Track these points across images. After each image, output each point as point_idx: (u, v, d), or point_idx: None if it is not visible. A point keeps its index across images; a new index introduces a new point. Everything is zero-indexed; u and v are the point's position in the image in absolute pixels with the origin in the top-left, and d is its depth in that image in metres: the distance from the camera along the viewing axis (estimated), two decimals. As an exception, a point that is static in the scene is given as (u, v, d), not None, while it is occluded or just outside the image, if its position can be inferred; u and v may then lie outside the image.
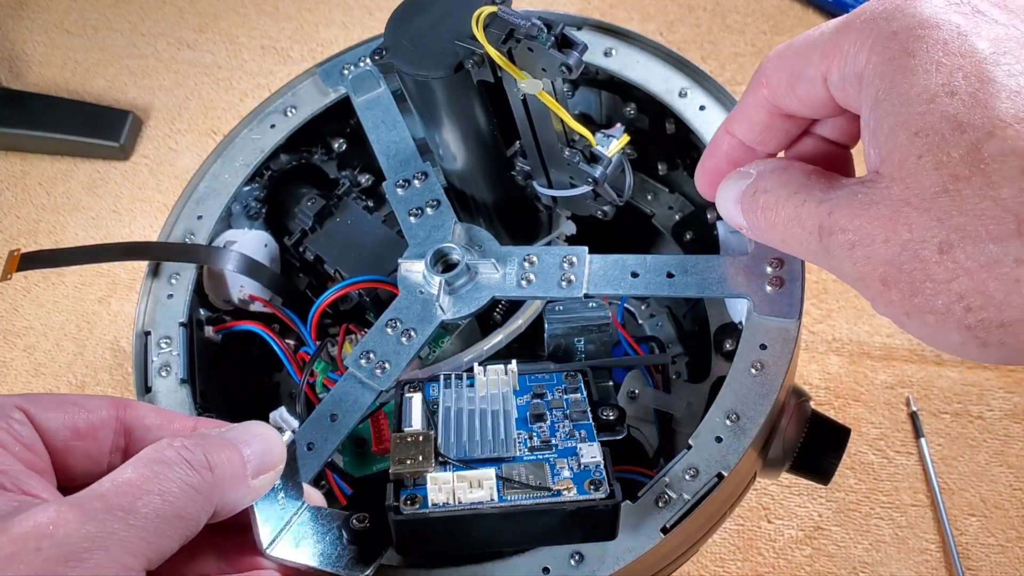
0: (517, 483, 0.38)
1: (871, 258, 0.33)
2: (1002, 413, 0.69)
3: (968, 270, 0.30)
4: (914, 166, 0.31)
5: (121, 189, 0.86)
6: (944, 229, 0.31)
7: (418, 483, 0.39)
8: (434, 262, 0.47)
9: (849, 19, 0.35)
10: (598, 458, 0.40)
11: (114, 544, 0.30)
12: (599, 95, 0.60)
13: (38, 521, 0.29)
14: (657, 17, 0.90)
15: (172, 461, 0.33)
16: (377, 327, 0.47)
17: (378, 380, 0.45)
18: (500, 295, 0.46)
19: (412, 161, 0.52)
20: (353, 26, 0.92)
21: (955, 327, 0.32)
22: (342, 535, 0.39)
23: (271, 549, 0.37)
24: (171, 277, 0.52)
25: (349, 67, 0.57)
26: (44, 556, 0.28)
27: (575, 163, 0.46)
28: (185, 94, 0.90)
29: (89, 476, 0.35)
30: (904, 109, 0.32)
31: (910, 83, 0.32)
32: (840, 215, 0.34)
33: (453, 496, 0.38)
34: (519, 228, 0.56)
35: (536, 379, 0.46)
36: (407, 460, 0.39)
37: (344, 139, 0.61)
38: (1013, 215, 0.29)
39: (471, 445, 0.41)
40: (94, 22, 0.94)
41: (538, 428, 0.42)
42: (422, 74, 0.44)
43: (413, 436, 0.40)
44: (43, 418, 0.35)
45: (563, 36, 0.39)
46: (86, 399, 0.36)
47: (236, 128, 0.57)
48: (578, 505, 0.37)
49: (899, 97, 0.32)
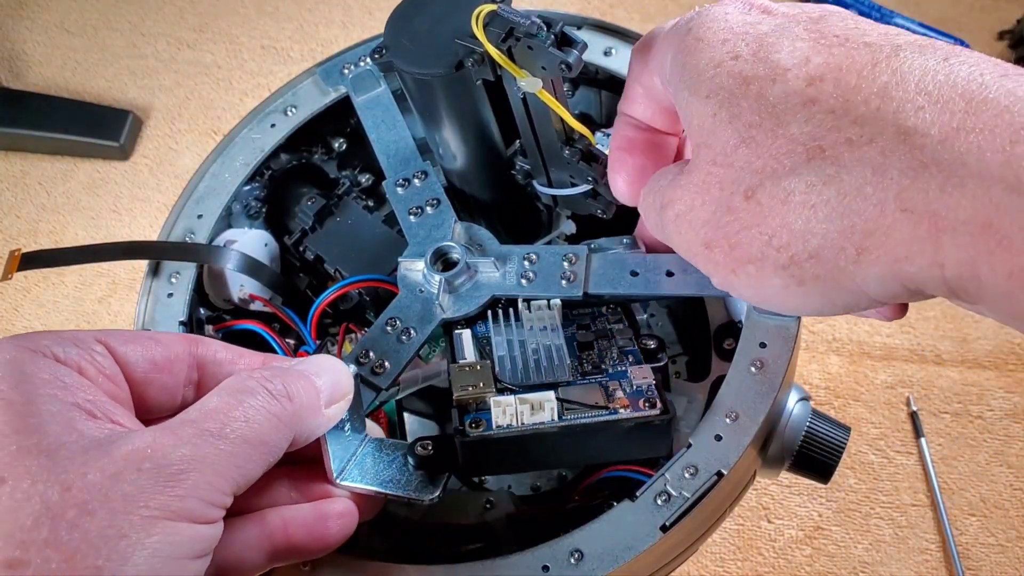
0: (576, 403, 0.41)
1: (693, 223, 0.36)
2: (1002, 413, 0.69)
3: (771, 208, 0.32)
4: (712, 126, 0.34)
5: (121, 189, 0.86)
6: (747, 176, 0.33)
7: (480, 408, 0.41)
8: (434, 261, 0.47)
9: (659, 30, 0.40)
10: (650, 379, 0.42)
11: (207, 466, 0.32)
12: (599, 95, 0.60)
13: (136, 445, 0.31)
14: (657, 17, 0.90)
15: (254, 390, 0.35)
16: (376, 326, 0.47)
17: (378, 379, 0.45)
18: (500, 294, 0.46)
19: (412, 160, 0.52)
20: (353, 26, 0.92)
21: (773, 270, 0.33)
22: (407, 462, 0.41)
23: (341, 478, 0.39)
24: (171, 276, 0.52)
25: (349, 67, 0.57)
26: (145, 476, 0.30)
27: (575, 162, 0.46)
28: (185, 94, 0.90)
29: (164, 409, 0.37)
30: (695, 79, 0.35)
31: (698, 59, 0.35)
32: (669, 190, 0.37)
33: (516, 418, 0.40)
34: (519, 228, 0.56)
35: (578, 313, 0.48)
36: (468, 387, 0.41)
37: (344, 139, 0.61)
38: (803, 146, 0.32)
39: (527, 371, 0.43)
40: (94, 22, 0.94)
41: (587, 356, 0.44)
42: (422, 72, 0.44)
43: (471, 365, 0.43)
44: (123, 351, 0.36)
45: (563, 34, 0.39)
46: (161, 335, 0.38)
47: (236, 127, 0.57)
48: (636, 421, 0.40)
49: (691, 72, 0.35)
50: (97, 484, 0.30)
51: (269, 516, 0.37)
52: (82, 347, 0.35)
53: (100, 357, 0.35)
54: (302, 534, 0.38)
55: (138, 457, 0.31)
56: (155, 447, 0.31)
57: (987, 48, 0.85)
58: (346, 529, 0.39)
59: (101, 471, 0.30)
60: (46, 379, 0.33)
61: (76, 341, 0.35)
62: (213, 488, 0.32)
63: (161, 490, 0.30)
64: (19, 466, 0.30)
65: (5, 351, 0.33)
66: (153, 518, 0.30)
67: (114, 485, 0.30)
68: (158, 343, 0.37)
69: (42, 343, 0.34)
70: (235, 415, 0.33)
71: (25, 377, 0.32)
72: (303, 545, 0.38)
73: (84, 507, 0.29)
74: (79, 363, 0.34)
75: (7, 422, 0.31)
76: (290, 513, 0.38)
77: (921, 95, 0.30)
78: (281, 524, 0.37)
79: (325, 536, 0.38)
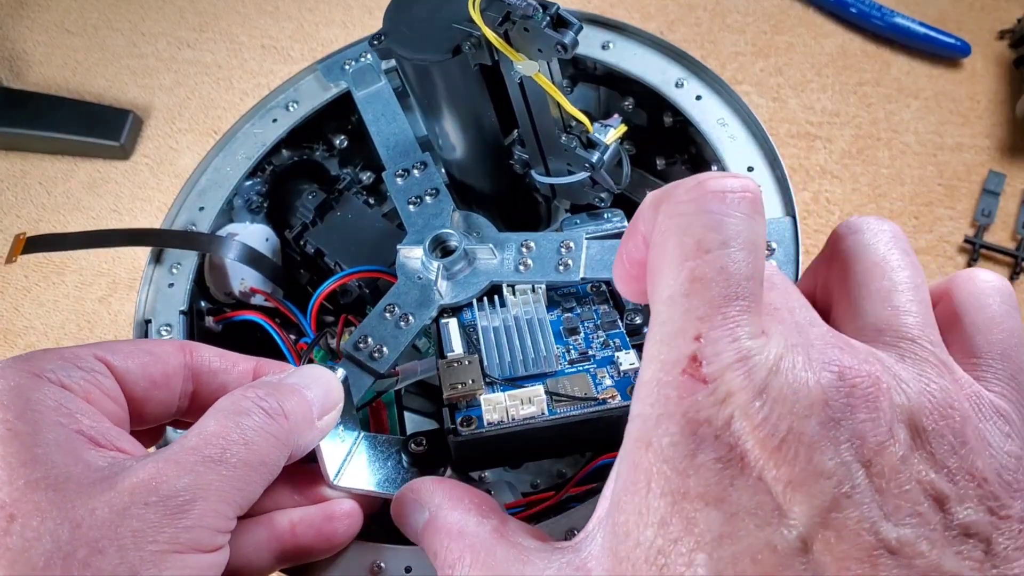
0: (565, 396, 0.40)
1: None
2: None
3: None
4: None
5: (121, 188, 0.86)
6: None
7: (471, 404, 0.41)
8: (432, 247, 0.47)
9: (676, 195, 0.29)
10: (636, 364, 0.42)
11: (211, 494, 0.32)
12: (598, 91, 0.60)
13: (141, 477, 0.31)
14: (657, 16, 0.90)
15: (250, 411, 0.34)
16: (375, 312, 0.47)
17: (375, 364, 0.45)
18: (498, 280, 0.46)
19: (412, 151, 0.52)
20: (353, 26, 0.92)
21: None
22: (401, 459, 0.41)
23: (337, 480, 0.39)
24: (172, 267, 0.52)
25: (350, 62, 0.57)
26: (152, 510, 0.30)
27: (572, 148, 0.46)
28: (185, 93, 0.90)
29: (160, 420, 0.38)
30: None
31: None
32: None
33: (506, 414, 0.40)
34: (518, 220, 0.56)
35: (564, 293, 0.48)
36: (458, 384, 0.42)
37: (345, 136, 0.61)
38: None
39: (514, 364, 0.43)
40: (95, 22, 0.95)
41: (574, 341, 0.44)
42: (420, 58, 0.44)
43: (459, 360, 0.43)
44: (123, 369, 0.36)
45: (558, 16, 0.40)
46: (157, 346, 0.38)
47: (238, 122, 0.57)
48: (624, 411, 0.39)
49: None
50: (106, 520, 0.30)
51: (277, 518, 0.38)
52: (84, 369, 0.35)
53: (102, 378, 0.35)
54: (310, 535, 0.38)
55: (144, 490, 0.31)
56: (159, 479, 0.31)
57: (988, 47, 0.86)
58: (352, 528, 0.39)
59: (109, 506, 0.30)
60: (51, 407, 0.33)
61: (78, 362, 0.35)
62: (218, 515, 0.32)
63: (168, 523, 0.31)
64: (28, 502, 0.30)
65: (9, 377, 0.33)
66: (162, 552, 0.30)
67: (123, 521, 0.30)
68: (156, 359, 0.37)
69: (45, 367, 0.34)
70: (234, 438, 0.33)
71: (30, 405, 0.32)
72: (311, 546, 0.38)
73: (95, 545, 0.29)
74: (83, 388, 0.34)
75: (14, 454, 0.31)
76: (297, 515, 0.38)
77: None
78: (289, 526, 0.38)
79: (332, 536, 0.39)
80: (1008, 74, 0.84)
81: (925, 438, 0.25)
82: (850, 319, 0.28)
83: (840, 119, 0.83)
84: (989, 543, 0.24)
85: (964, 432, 0.25)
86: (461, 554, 0.31)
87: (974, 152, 0.80)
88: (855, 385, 0.24)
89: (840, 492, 0.23)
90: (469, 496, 0.34)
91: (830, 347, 0.25)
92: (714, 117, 0.53)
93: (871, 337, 0.27)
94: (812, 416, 0.24)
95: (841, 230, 0.30)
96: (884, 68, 0.85)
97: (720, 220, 0.26)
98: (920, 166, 0.80)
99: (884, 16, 0.85)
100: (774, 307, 0.27)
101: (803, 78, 0.85)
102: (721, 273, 0.26)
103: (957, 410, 0.25)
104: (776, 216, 0.48)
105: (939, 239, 0.76)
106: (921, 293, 0.28)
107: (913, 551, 0.23)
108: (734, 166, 0.51)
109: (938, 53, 0.85)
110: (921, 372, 0.26)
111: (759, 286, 0.26)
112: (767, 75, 0.86)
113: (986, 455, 0.25)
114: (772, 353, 0.25)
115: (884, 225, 0.30)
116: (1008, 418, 0.26)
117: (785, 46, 0.87)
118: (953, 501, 0.24)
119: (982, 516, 0.24)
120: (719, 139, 0.52)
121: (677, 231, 0.27)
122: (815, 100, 0.84)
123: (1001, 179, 0.78)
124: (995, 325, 0.28)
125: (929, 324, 0.28)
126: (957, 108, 0.83)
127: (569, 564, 0.28)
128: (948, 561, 0.23)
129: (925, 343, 0.27)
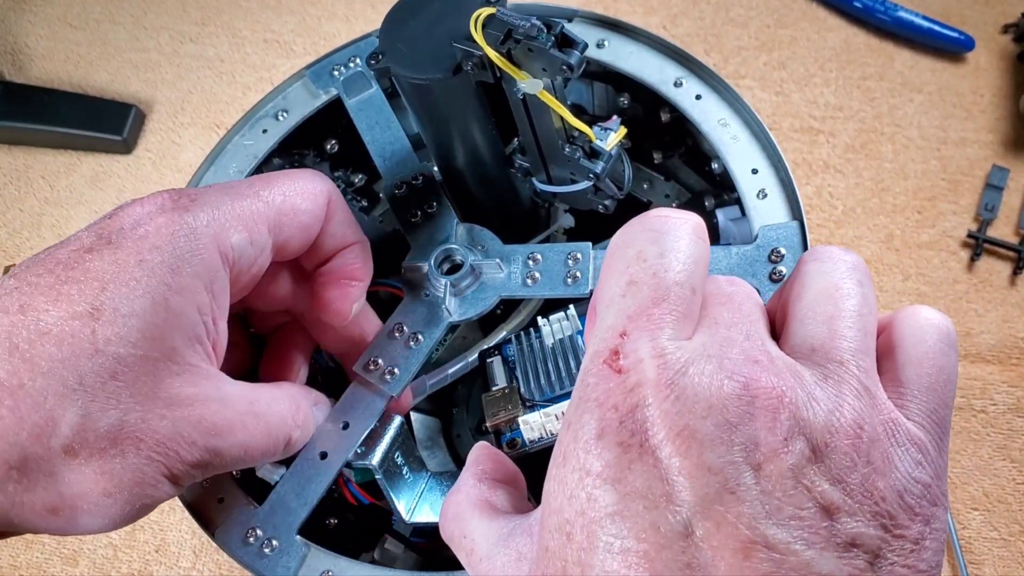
0: None
1: None
2: (1005, 407, 0.69)
3: None
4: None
5: (124, 183, 0.86)
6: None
7: (512, 428, 0.46)
8: (439, 263, 0.47)
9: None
10: None
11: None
12: (591, 86, 0.59)
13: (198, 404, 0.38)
14: (660, 11, 0.89)
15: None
16: (382, 332, 0.47)
17: (388, 386, 0.45)
18: (507, 295, 0.46)
19: (408, 161, 0.52)
20: (355, 19, 0.92)
21: None
22: None
23: (412, 518, 0.45)
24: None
25: (339, 68, 0.57)
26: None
27: (575, 159, 0.46)
28: (188, 88, 0.90)
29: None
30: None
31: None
32: None
33: (544, 430, 0.45)
34: (517, 224, 0.56)
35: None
36: (499, 412, 0.46)
37: (335, 139, 0.61)
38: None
39: (549, 385, 0.46)
40: (96, 15, 0.94)
41: None
42: (420, 77, 0.43)
43: (500, 391, 0.47)
44: (282, 241, 0.43)
45: (563, 35, 0.39)
46: (309, 206, 0.43)
47: (228, 134, 0.57)
48: None
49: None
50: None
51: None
52: (255, 247, 0.40)
53: (262, 260, 0.41)
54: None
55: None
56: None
57: (991, 42, 0.85)
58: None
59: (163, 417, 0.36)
60: (205, 302, 0.38)
61: (253, 234, 0.40)
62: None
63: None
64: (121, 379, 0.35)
65: (205, 243, 0.38)
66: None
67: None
68: (305, 231, 0.43)
69: (230, 240, 0.39)
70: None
71: (182, 285, 0.37)
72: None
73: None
74: (241, 268, 0.40)
75: (142, 329, 0.35)
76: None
77: None
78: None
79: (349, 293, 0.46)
80: (1012, 68, 0.84)
81: (824, 452, 0.26)
82: (791, 336, 0.30)
83: (843, 113, 0.83)
84: (877, 556, 0.26)
85: (870, 453, 0.27)
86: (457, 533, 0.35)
87: (978, 147, 0.80)
88: (757, 396, 0.27)
89: (725, 487, 0.26)
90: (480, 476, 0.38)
91: (747, 361, 0.28)
92: (715, 118, 0.53)
93: (803, 355, 0.29)
94: (709, 417, 0.26)
95: (806, 256, 0.32)
96: (888, 62, 0.85)
97: (659, 235, 0.30)
98: (923, 160, 0.80)
99: (888, 10, 0.84)
100: (714, 319, 0.29)
101: (807, 72, 0.85)
102: (653, 278, 0.29)
103: (866, 432, 0.27)
104: (782, 220, 0.48)
105: (942, 234, 0.76)
106: (863, 321, 0.30)
107: (787, 549, 0.25)
108: (738, 168, 0.51)
109: (942, 47, 0.84)
110: (838, 393, 0.28)
111: (692, 295, 0.29)
112: (770, 69, 0.85)
113: (891, 477, 0.27)
114: (686, 356, 0.27)
115: (846, 256, 0.31)
116: (923, 448, 0.28)
117: (789, 40, 0.87)
118: (843, 512, 0.26)
119: (873, 531, 0.26)
120: (721, 140, 0.52)
121: (623, 245, 0.31)
122: (818, 94, 0.84)
123: (1005, 174, 0.78)
124: (927, 360, 0.30)
125: (863, 351, 0.29)
126: (961, 102, 0.82)
127: (522, 526, 0.32)
128: (825, 564, 0.25)
129: (852, 367, 0.28)
